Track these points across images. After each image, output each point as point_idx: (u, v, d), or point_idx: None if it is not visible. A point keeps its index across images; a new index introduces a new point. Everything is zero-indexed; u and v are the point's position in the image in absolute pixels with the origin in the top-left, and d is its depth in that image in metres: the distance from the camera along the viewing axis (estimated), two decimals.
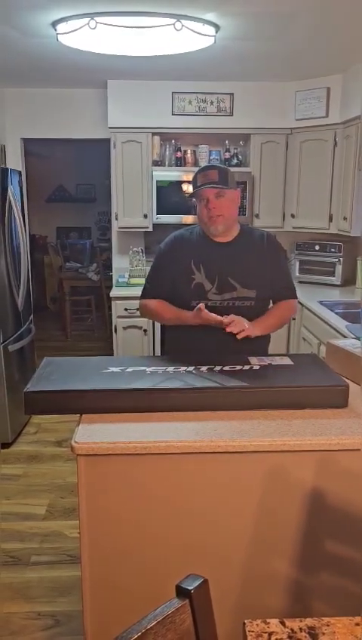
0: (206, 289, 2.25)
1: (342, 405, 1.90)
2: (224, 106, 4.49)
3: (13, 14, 2.86)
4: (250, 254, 2.30)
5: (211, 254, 2.27)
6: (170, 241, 2.38)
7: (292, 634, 1.05)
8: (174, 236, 2.39)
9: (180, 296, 2.30)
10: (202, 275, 2.25)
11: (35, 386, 1.90)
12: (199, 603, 0.99)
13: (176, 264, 2.30)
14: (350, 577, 1.69)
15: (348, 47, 3.51)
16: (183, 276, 2.27)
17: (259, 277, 2.29)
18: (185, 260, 2.27)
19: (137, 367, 2.06)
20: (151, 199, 4.55)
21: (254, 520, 1.75)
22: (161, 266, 2.38)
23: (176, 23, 2.85)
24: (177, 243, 2.36)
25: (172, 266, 2.32)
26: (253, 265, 2.29)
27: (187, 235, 2.37)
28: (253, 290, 2.27)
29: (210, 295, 2.25)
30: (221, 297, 2.25)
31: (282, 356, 2.21)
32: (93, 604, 1.78)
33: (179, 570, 1.15)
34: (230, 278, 2.25)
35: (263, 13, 2.84)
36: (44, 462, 3.64)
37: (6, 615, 2.35)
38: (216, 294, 2.26)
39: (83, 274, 6.99)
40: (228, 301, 2.25)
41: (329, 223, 4.40)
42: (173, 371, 2.01)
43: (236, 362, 2.07)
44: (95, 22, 2.84)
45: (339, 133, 4.22)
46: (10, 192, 3.79)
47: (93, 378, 1.96)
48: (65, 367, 2.09)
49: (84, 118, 4.80)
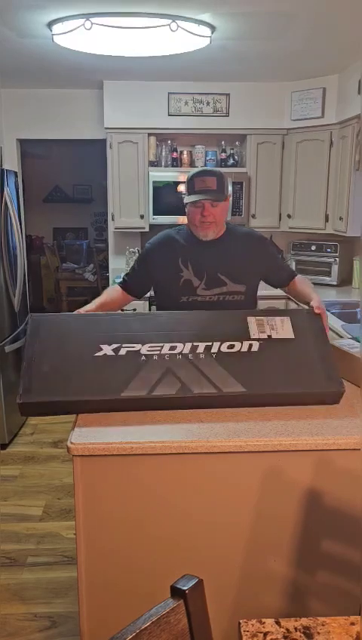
0: (194, 285, 2.30)
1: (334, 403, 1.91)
2: (220, 106, 4.49)
3: (9, 15, 2.85)
4: (237, 251, 2.35)
5: (199, 252, 2.32)
6: (157, 240, 2.43)
7: (288, 634, 1.05)
8: (161, 235, 2.44)
9: (169, 293, 2.34)
10: (190, 272, 2.30)
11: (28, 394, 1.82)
12: (194, 603, 0.99)
13: (162, 263, 2.34)
14: (346, 577, 1.69)
15: (343, 48, 3.51)
16: (171, 274, 2.31)
17: (247, 272, 2.35)
18: (173, 259, 2.32)
19: (131, 345, 1.93)
20: (148, 200, 4.55)
21: (250, 520, 1.75)
22: (143, 263, 2.44)
23: (172, 24, 2.85)
24: (164, 242, 2.40)
25: (156, 265, 2.37)
26: (241, 261, 2.34)
27: (174, 235, 2.41)
28: (243, 285, 2.32)
29: (199, 291, 2.30)
30: (210, 292, 2.30)
31: (283, 319, 2.06)
32: (89, 605, 1.78)
33: (175, 571, 1.15)
34: (219, 274, 2.30)
35: (258, 14, 2.84)
36: (41, 463, 3.64)
37: (2, 616, 2.34)
38: (204, 289, 2.30)
39: (80, 274, 6.98)
40: (217, 296, 2.31)
41: (325, 223, 4.41)
42: (168, 356, 1.91)
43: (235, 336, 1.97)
44: (90, 22, 2.84)
45: (335, 134, 4.22)
46: (6, 192, 3.79)
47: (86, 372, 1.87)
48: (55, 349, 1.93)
49: (80, 119, 4.80)
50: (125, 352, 1.92)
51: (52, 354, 1.92)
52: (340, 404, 1.92)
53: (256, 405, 1.88)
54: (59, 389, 1.84)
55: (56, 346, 1.95)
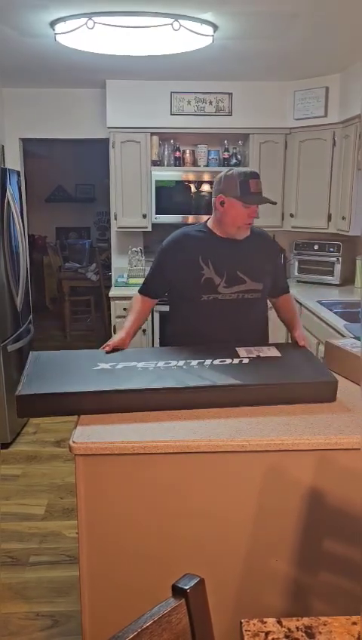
0: (216, 283, 2.30)
1: (330, 400, 1.92)
2: (223, 105, 4.49)
3: (12, 14, 2.85)
4: (255, 250, 2.38)
5: (218, 250, 2.32)
6: (174, 238, 2.41)
7: (289, 633, 1.05)
8: (177, 234, 2.42)
9: (190, 291, 2.34)
10: (211, 270, 2.30)
11: (27, 388, 1.89)
12: (195, 602, 0.98)
13: (181, 261, 2.33)
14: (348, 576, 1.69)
15: (346, 47, 3.51)
16: (191, 272, 2.31)
17: (264, 271, 2.38)
18: (192, 257, 2.31)
19: (127, 362, 2.05)
20: (150, 199, 4.55)
21: (252, 519, 1.75)
22: (160, 265, 2.42)
23: (174, 23, 2.85)
24: (181, 240, 2.39)
25: (175, 264, 2.36)
26: (258, 260, 2.37)
27: (192, 233, 2.41)
28: (261, 283, 2.35)
29: (220, 289, 2.31)
30: (230, 290, 2.31)
31: (269, 347, 2.25)
32: (91, 605, 1.78)
33: (177, 570, 1.15)
34: (239, 272, 2.31)
35: (261, 13, 2.84)
36: (43, 462, 3.64)
37: (5, 615, 2.34)
38: (225, 287, 2.31)
39: (82, 274, 6.98)
40: (237, 294, 2.32)
41: (327, 223, 4.40)
42: (163, 367, 2.01)
43: (225, 355, 2.11)
44: (93, 22, 2.84)
45: (338, 133, 4.22)
46: (9, 192, 3.79)
47: (84, 377, 1.95)
48: (54, 365, 2.08)
49: (83, 118, 4.80)
50: (122, 367, 2.04)
51: (51, 367, 2.07)
52: (341, 403, 1.92)
53: (251, 398, 1.90)
54: (57, 384, 1.91)
55: (56, 365, 2.12)
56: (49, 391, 1.86)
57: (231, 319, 2.32)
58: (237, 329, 2.32)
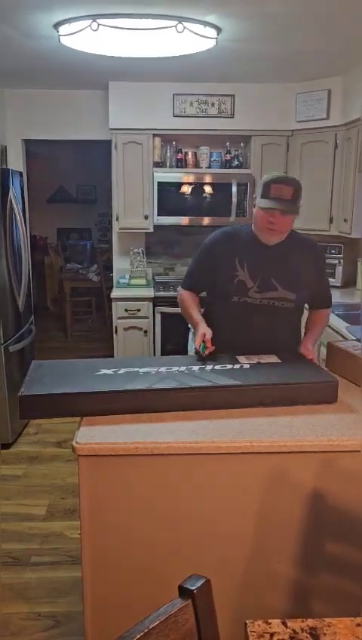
0: (248, 286, 2.29)
1: (331, 400, 1.93)
2: (225, 107, 4.49)
3: (16, 16, 2.86)
4: (294, 258, 2.33)
5: (256, 254, 2.31)
6: (216, 237, 2.42)
7: (294, 634, 1.05)
8: (220, 232, 2.43)
9: (222, 290, 2.34)
10: (245, 272, 2.29)
11: (30, 389, 1.89)
12: (202, 603, 0.99)
13: (219, 260, 2.34)
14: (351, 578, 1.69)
15: (349, 49, 3.51)
16: (226, 272, 2.31)
17: (300, 281, 2.32)
18: (230, 257, 2.31)
19: (129, 368, 2.06)
20: (152, 200, 4.56)
21: (255, 521, 1.75)
22: (201, 260, 2.44)
23: (178, 25, 2.86)
24: (223, 239, 2.40)
25: (214, 261, 2.36)
26: (295, 269, 2.32)
27: (234, 233, 2.41)
28: (294, 293, 2.31)
29: (251, 293, 2.30)
30: (261, 296, 2.30)
31: (270, 355, 2.24)
32: (93, 605, 1.78)
33: (180, 572, 1.15)
34: (272, 279, 2.29)
35: (264, 15, 2.84)
36: (45, 462, 3.64)
37: (6, 616, 2.34)
38: (256, 292, 2.30)
39: (83, 275, 6.99)
40: (268, 300, 2.31)
41: (329, 225, 4.40)
42: (165, 372, 2.03)
43: (226, 362, 2.13)
44: (97, 24, 2.84)
45: (340, 135, 4.22)
46: (11, 192, 3.79)
47: (86, 380, 1.96)
48: (56, 371, 2.10)
49: (86, 120, 4.80)
50: (124, 372, 2.04)
51: (54, 372, 2.08)
52: (344, 405, 1.93)
53: (253, 398, 1.91)
54: (60, 386, 1.92)
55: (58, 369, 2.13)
56: (52, 392, 1.86)
57: (257, 324, 2.29)
58: (262, 335, 2.29)
